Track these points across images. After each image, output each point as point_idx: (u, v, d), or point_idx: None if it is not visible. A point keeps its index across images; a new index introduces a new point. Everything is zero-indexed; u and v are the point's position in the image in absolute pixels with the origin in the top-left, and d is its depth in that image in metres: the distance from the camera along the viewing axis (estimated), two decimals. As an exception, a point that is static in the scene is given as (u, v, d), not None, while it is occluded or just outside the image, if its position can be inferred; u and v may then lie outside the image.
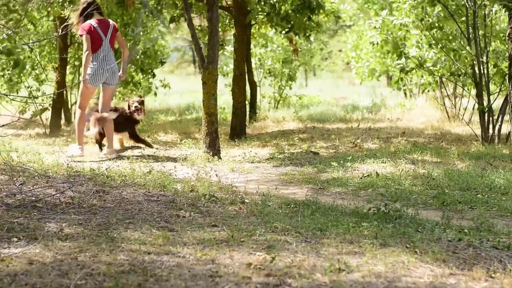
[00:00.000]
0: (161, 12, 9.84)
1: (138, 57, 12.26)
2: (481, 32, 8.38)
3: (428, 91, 12.02)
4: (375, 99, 15.45)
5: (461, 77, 9.46)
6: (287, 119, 11.49)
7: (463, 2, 8.35)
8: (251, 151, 7.46)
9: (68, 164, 5.66)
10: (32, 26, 10.31)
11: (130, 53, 11.22)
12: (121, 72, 7.30)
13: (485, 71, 8.24)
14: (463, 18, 8.41)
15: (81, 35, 7.06)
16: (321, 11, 9.46)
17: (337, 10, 11.31)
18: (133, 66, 12.46)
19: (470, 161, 6.56)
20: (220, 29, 9.11)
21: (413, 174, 5.80)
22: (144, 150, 7.87)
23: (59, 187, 4.70)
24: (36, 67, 11.09)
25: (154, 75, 13.19)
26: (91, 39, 6.95)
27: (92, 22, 7.03)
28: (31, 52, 10.48)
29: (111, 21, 7.24)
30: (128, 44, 11.18)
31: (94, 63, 6.99)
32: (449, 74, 9.50)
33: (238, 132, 9.23)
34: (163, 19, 11.23)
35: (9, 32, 3.58)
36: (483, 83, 8.17)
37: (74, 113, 12.00)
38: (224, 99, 15.21)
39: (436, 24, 8.64)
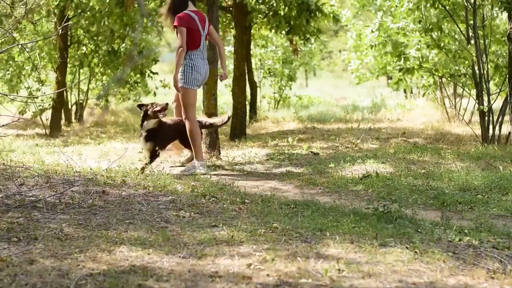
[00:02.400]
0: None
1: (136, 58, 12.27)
2: (480, 32, 8.37)
3: (429, 93, 12.03)
4: (375, 99, 15.45)
5: (461, 78, 9.46)
6: (287, 120, 11.50)
7: (461, 3, 8.35)
8: (251, 151, 7.45)
9: (68, 164, 5.66)
10: (32, 26, 10.31)
11: (130, 55, 11.25)
12: (222, 70, 6.24)
13: (485, 72, 8.24)
14: (462, 13, 8.41)
15: (175, 27, 5.88)
16: (320, 15, 9.45)
17: (337, 13, 11.30)
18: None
19: (470, 161, 6.56)
20: (220, 30, 9.10)
21: (413, 174, 5.80)
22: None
23: (59, 187, 4.70)
24: (35, 67, 11.09)
25: (148, 75, 13.16)
26: (191, 33, 5.90)
27: (191, 13, 5.94)
28: (30, 52, 10.49)
29: (204, 14, 6.20)
30: (128, 46, 11.20)
31: (196, 61, 5.95)
32: (448, 76, 9.50)
33: (238, 133, 9.24)
34: (159, 28, 11.22)
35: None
36: (483, 83, 8.18)
37: (74, 113, 12.03)
38: (224, 99, 15.22)
39: (436, 25, 8.64)
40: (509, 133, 7.99)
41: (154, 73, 13.17)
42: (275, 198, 4.75)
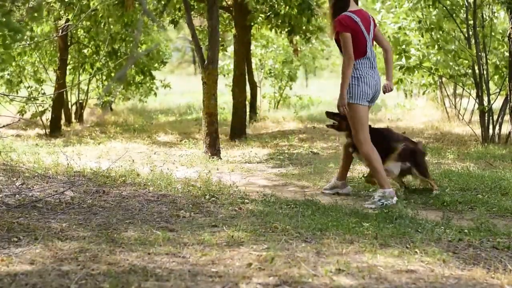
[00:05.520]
0: (162, 14, 9.83)
1: (140, 59, 12.26)
2: (480, 33, 8.37)
3: (429, 92, 12.03)
4: (375, 99, 15.43)
5: (461, 78, 9.46)
6: (287, 119, 11.50)
7: (462, 3, 8.35)
8: (251, 151, 7.46)
9: (68, 164, 5.66)
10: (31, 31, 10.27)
11: (131, 55, 11.23)
12: (387, 80, 5.00)
13: (485, 72, 8.24)
14: (463, 15, 8.42)
15: (338, 33, 4.76)
16: (321, 13, 9.45)
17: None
18: (133, 68, 12.47)
19: (470, 161, 6.56)
20: (220, 30, 9.12)
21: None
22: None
23: (59, 187, 4.71)
24: (35, 68, 11.08)
25: (152, 77, 13.14)
26: (354, 39, 4.74)
27: (352, 14, 4.79)
28: (31, 52, 10.48)
29: (368, 13, 5.07)
30: (129, 46, 11.20)
31: (363, 71, 4.80)
32: (449, 76, 9.51)
33: (238, 132, 9.24)
34: (162, 25, 11.22)
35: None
36: (483, 83, 8.18)
37: (74, 113, 12.03)
38: (224, 99, 15.22)
39: (436, 25, 8.64)
40: (509, 132, 7.99)
41: (153, 77, 13.15)
42: (275, 198, 4.75)
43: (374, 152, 4.77)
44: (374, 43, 4.98)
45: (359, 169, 6.16)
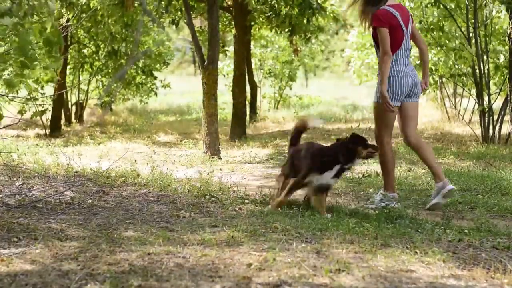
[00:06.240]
0: (162, 15, 9.83)
1: (140, 59, 12.26)
2: (481, 32, 8.37)
3: (429, 92, 12.04)
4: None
5: (461, 77, 9.47)
6: (287, 120, 11.50)
7: (462, 0, 8.36)
8: (251, 152, 7.45)
9: (68, 164, 5.66)
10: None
11: (131, 55, 11.23)
12: (423, 80, 4.78)
13: (485, 71, 8.24)
14: (464, 14, 8.42)
15: (376, 27, 4.52)
16: (322, 13, 9.43)
17: (337, 13, 11.30)
18: (134, 67, 12.47)
19: (470, 161, 6.56)
20: (220, 30, 9.12)
21: (413, 174, 5.80)
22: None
23: (59, 187, 4.71)
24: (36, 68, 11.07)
25: (154, 77, 13.15)
26: (391, 34, 4.49)
27: (391, 9, 4.55)
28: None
29: (406, 8, 4.81)
30: (129, 47, 11.20)
31: (398, 68, 4.54)
32: (449, 76, 9.51)
33: (238, 133, 9.24)
34: (162, 26, 11.22)
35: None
36: (484, 83, 8.17)
37: (74, 114, 12.03)
38: (224, 99, 15.23)
39: (436, 25, 8.65)
40: (509, 133, 8.00)
41: (155, 77, 13.15)
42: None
43: (391, 154, 4.63)
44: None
45: (359, 169, 6.16)
